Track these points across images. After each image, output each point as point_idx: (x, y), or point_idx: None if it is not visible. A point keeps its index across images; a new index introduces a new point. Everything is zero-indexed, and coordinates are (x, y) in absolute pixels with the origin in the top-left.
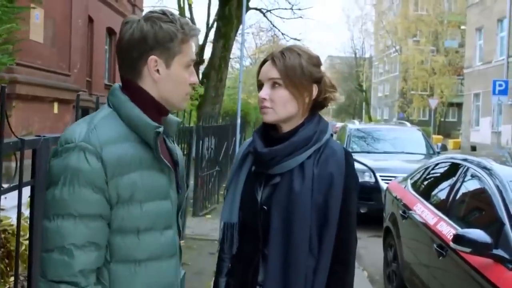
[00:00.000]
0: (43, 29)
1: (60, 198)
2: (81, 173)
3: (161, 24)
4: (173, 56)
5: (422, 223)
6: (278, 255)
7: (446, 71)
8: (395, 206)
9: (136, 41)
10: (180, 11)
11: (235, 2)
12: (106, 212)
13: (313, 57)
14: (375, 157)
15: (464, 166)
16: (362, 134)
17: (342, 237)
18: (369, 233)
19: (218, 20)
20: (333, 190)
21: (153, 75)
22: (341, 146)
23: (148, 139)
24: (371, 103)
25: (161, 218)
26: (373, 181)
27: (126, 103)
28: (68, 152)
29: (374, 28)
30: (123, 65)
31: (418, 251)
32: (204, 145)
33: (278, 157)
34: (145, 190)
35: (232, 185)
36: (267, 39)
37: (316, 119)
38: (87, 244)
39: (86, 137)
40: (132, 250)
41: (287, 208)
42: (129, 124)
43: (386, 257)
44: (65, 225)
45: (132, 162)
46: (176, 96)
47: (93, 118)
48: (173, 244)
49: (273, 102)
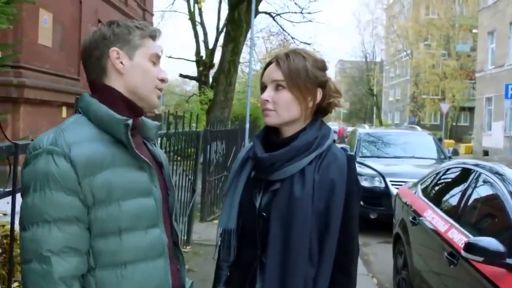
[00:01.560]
0: (52, 33)
1: (32, 205)
2: (51, 176)
3: (118, 23)
4: (135, 48)
5: (433, 230)
6: (276, 263)
7: (458, 75)
8: (405, 212)
9: (96, 40)
10: (190, 15)
11: (244, 6)
12: (83, 215)
13: (319, 61)
14: (385, 162)
15: (476, 171)
16: (372, 138)
17: (344, 245)
18: (379, 239)
19: (227, 24)
20: (334, 197)
21: (117, 65)
22: (343, 152)
23: (119, 135)
24: (382, 108)
25: (144, 216)
26: (383, 186)
27: (94, 103)
28: (37, 158)
29: (385, 32)
30: (88, 68)
31: (428, 259)
32: (212, 149)
33: (279, 163)
34: (122, 188)
35: (230, 191)
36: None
37: (318, 124)
38: (66, 249)
39: (53, 140)
40: (116, 253)
41: (286, 215)
42: (99, 126)
43: (396, 264)
44: (39, 232)
45: (104, 160)
46: (144, 87)
47: (61, 124)
48: (160, 243)
49: (276, 104)
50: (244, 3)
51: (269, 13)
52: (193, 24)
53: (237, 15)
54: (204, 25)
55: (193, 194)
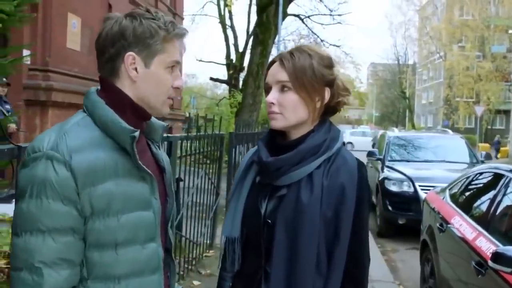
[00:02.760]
0: (80, 38)
1: (27, 211)
2: (49, 183)
3: (141, 20)
4: (154, 55)
5: (460, 238)
6: (281, 272)
7: (493, 77)
8: (432, 218)
9: (114, 36)
10: (220, 18)
11: (272, 9)
12: (79, 226)
13: (325, 58)
14: (415, 166)
15: (507, 177)
16: (402, 142)
17: (354, 254)
18: (407, 245)
19: (256, 27)
20: (344, 202)
21: (130, 73)
22: (353, 156)
23: (124, 144)
24: (415, 111)
25: (142, 230)
26: (412, 190)
27: (100, 105)
28: (35, 162)
29: (418, 34)
30: (101, 63)
31: (456, 267)
32: (238, 152)
33: (285, 167)
34: (123, 200)
35: (234, 197)
36: None
37: (327, 126)
38: (58, 261)
39: (54, 145)
40: (110, 266)
41: (293, 222)
42: (104, 129)
43: (423, 271)
44: (33, 241)
45: (107, 170)
46: (155, 98)
47: (64, 124)
48: (156, 258)
49: (282, 107)
50: (273, 6)
51: (298, 15)
52: (224, 28)
53: (265, 18)
54: (234, 29)
55: (217, 197)
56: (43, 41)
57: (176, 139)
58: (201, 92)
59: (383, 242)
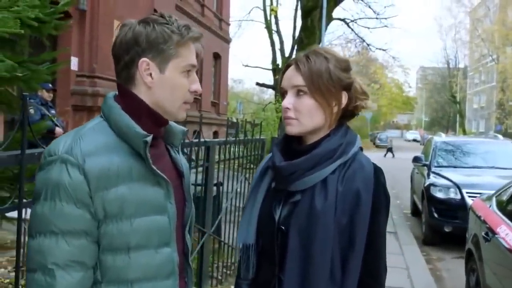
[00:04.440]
0: None
1: (41, 214)
2: (62, 186)
3: (154, 25)
4: (168, 60)
5: (507, 248)
6: (294, 281)
7: None
8: (478, 226)
9: (128, 43)
10: (266, 24)
11: (317, 13)
12: (92, 229)
13: (342, 61)
14: (463, 172)
15: None
16: (449, 147)
17: (370, 264)
18: (453, 254)
19: (301, 32)
20: (359, 209)
21: (145, 79)
22: (370, 161)
23: (138, 149)
24: (466, 115)
25: (155, 234)
26: (459, 197)
27: (116, 110)
28: (51, 165)
29: (469, 36)
30: (117, 70)
31: (502, 279)
32: None
33: (299, 172)
34: (136, 204)
35: (249, 203)
36: (356, 50)
37: (343, 130)
38: (71, 263)
39: (68, 148)
40: (123, 270)
41: (306, 229)
42: (119, 134)
43: (468, 282)
44: (46, 243)
45: (120, 174)
46: (172, 103)
47: (81, 128)
48: (170, 263)
49: (298, 112)
50: (318, 10)
51: (343, 19)
52: (270, 33)
53: (310, 22)
54: (280, 34)
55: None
56: (90, 48)
57: (214, 144)
58: (248, 97)
59: (428, 250)
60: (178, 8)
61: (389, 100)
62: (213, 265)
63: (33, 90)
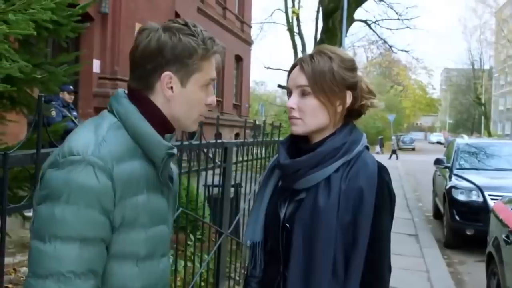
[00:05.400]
0: None
1: (61, 217)
2: (89, 191)
3: (180, 37)
4: (190, 74)
5: None
6: (298, 278)
7: None
8: (498, 229)
9: (152, 52)
10: (288, 26)
11: (338, 15)
12: (108, 236)
13: (347, 60)
14: (485, 174)
15: None
16: (472, 149)
17: (373, 262)
18: (475, 257)
19: (322, 33)
20: (362, 207)
21: (166, 92)
22: (375, 160)
23: (154, 158)
24: (491, 117)
25: (160, 244)
26: (481, 200)
27: (135, 115)
28: (73, 166)
29: (494, 37)
30: (134, 75)
31: None
32: None
33: (303, 170)
34: (150, 213)
35: (257, 201)
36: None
37: (348, 129)
38: (87, 272)
39: (95, 150)
40: (128, 279)
41: (310, 227)
42: (134, 137)
43: (489, 285)
44: (64, 249)
45: (141, 182)
46: (188, 117)
47: (98, 126)
48: (167, 272)
49: (302, 112)
50: (339, 12)
51: (364, 21)
52: (292, 35)
53: (331, 24)
54: (302, 36)
55: None
56: (112, 51)
57: (231, 145)
58: (270, 99)
59: (449, 253)
60: (200, 11)
61: (412, 102)
62: (230, 265)
63: (51, 91)
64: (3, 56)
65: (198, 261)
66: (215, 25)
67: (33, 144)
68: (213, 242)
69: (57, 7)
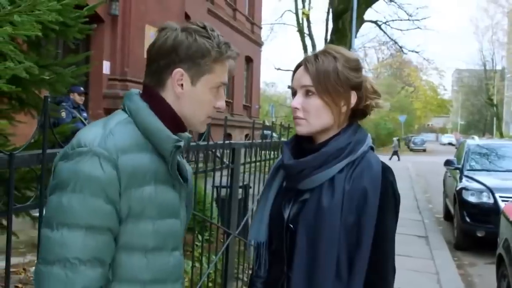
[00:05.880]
0: None
1: (68, 205)
2: (94, 180)
3: (196, 37)
4: (201, 74)
5: None
6: (301, 279)
7: None
8: (509, 231)
9: (167, 49)
10: (299, 27)
11: (348, 16)
12: (115, 226)
13: (351, 60)
14: (496, 176)
15: None
16: (483, 150)
17: (377, 263)
18: (486, 259)
19: (332, 34)
20: (366, 208)
21: (176, 89)
22: (379, 160)
23: (164, 152)
24: (503, 118)
25: (171, 237)
26: (492, 201)
27: (145, 111)
28: (81, 157)
29: (507, 37)
30: (149, 71)
31: None
32: None
33: (307, 170)
34: (158, 206)
35: (262, 201)
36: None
37: (352, 129)
38: (93, 259)
39: (101, 142)
40: (137, 270)
41: (314, 227)
42: (145, 133)
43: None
44: (71, 236)
45: (148, 174)
46: (196, 117)
47: (108, 122)
48: (180, 266)
49: (306, 112)
50: (349, 13)
51: (375, 21)
52: (302, 36)
53: (341, 25)
54: (312, 37)
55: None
56: (122, 52)
57: (239, 146)
58: (280, 100)
59: (460, 255)
60: (210, 12)
61: (423, 103)
62: (238, 266)
63: (59, 93)
64: (8, 56)
65: (206, 262)
66: (225, 26)
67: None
68: (221, 243)
69: (64, 8)
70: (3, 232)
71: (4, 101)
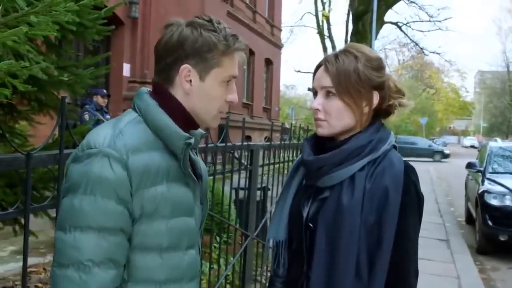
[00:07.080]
0: None
1: (79, 208)
2: (105, 182)
3: (202, 31)
4: (210, 69)
5: None
6: (321, 278)
7: None
8: None
9: (173, 45)
10: (318, 29)
11: (368, 17)
12: (128, 226)
13: (373, 59)
14: None
15: None
16: (506, 153)
17: (398, 265)
18: (509, 264)
19: (352, 36)
20: (387, 207)
21: (184, 85)
22: (401, 159)
23: (175, 149)
24: None
25: (185, 236)
26: None
27: (155, 109)
28: (91, 158)
29: None
30: (157, 69)
31: None
32: None
33: (327, 167)
34: (172, 205)
35: (281, 199)
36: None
37: (375, 127)
38: (106, 261)
39: (111, 142)
40: (153, 270)
41: (333, 226)
42: (155, 131)
43: None
44: (83, 238)
45: (159, 173)
46: (207, 112)
47: (118, 122)
48: (195, 265)
49: (327, 113)
50: (369, 14)
51: (395, 23)
52: (322, 38)
53: (361, 26)
54: (332, 39)
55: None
56: (141, 55)
57: (258, 148)
58: (300, 103)
59: (482, 259)
60: (229, 14)
61: (445, 105)
62: (256, 268)
63: (77, 94)
64: (25, 57)
65: (224, 264)
66: (245, 28)
67: None
68: (239, 245)
69: (81, 9)
70: (22, 232)
71: (24, 102)
